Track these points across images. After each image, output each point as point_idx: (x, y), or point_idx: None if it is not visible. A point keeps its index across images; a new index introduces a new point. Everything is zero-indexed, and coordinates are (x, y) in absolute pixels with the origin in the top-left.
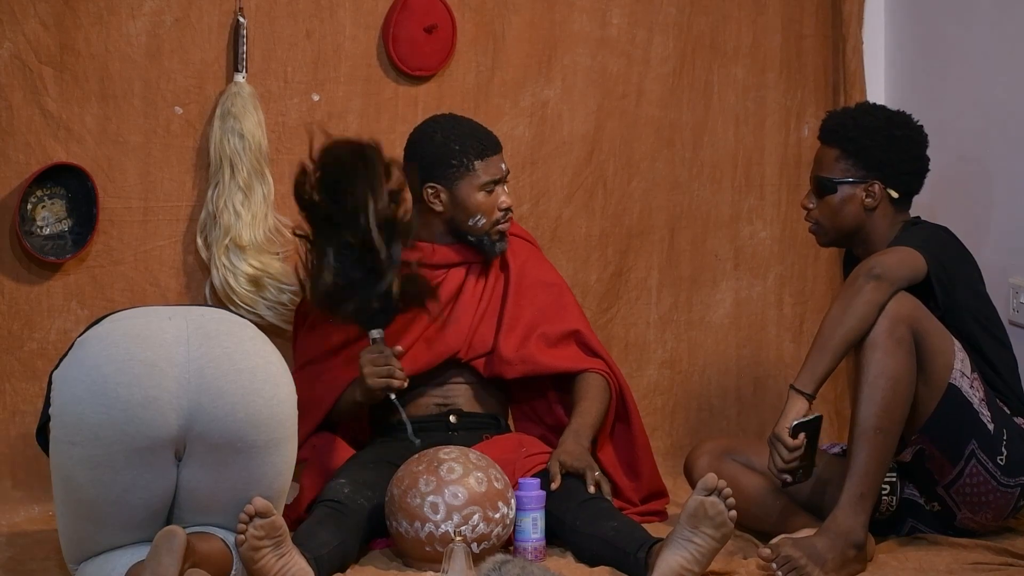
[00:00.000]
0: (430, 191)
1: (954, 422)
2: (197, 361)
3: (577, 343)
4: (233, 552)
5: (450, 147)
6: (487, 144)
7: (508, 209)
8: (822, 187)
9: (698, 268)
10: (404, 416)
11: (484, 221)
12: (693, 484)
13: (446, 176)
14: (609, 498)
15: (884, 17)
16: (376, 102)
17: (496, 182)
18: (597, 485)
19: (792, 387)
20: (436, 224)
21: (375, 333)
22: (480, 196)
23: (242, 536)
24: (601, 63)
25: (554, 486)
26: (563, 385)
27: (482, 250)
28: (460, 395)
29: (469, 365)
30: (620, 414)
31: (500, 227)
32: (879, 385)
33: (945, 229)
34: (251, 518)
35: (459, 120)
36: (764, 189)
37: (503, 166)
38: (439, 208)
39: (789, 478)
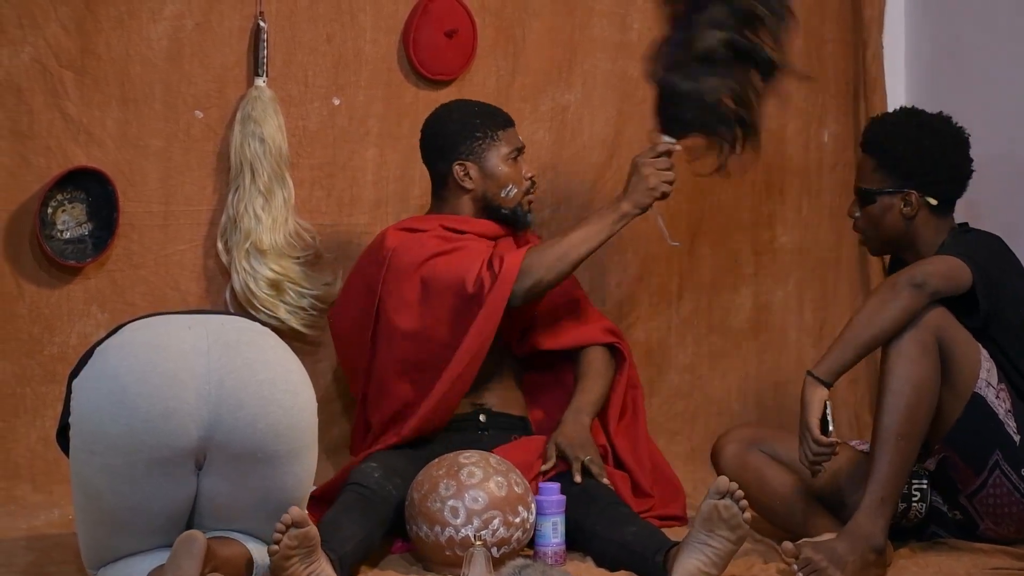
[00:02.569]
0: (459, 170)
1: (978, 432)
2: (217, 372)
3: (593, 317)
4: (254, 556)
5: (471, 122)
6: (503, 118)
7: (533, 179)
8: (862, 198)
9: (719, 273)
10: (662, 223)
11: (515, 191)
12: (719, 471)
13: (473, 151)
14: (604, 480)
15: (904, 22)
16: (397, 106)
17: (520, 151)
18: (588, 472)
19: (811, 374)
20: (466, 204)
21: (668, 140)
22: (507, 166)
23: (276, 547)
24: (621, 68)
25: (546, 466)
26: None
27: (516, 222)
28: (491, 394)
29: (499, 355)
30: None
31: (530, 196)
32: (903, 392)
33: (997, 238)
34: (287, 528)
35: (468, 101)
36: (785, 194)
37: (520, 138)
38: (470, 185)
39: (821, 469)
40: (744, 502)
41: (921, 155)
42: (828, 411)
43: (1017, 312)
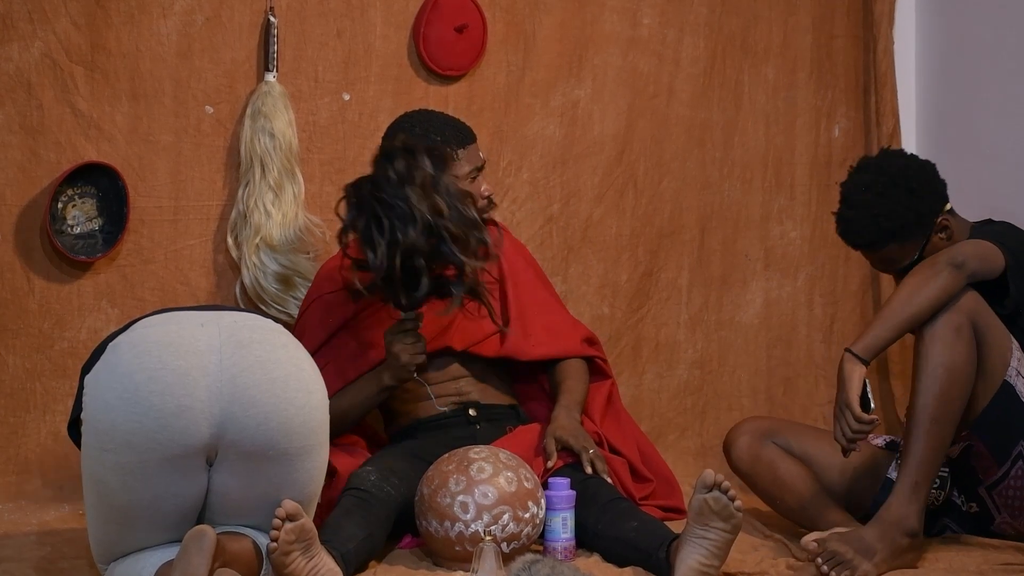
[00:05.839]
0: None
1: (1005, 421)
2: (229, 370)
3: (573, 329)
4: (264, 552)
5: (431, 139)
6: (465, 134)
7: (491, 197)
8: (913, 266)
9: (728, 268)
10: (429, 389)
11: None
12: (731, 462)
13: None
14: (606, 477)
15: (915, 18)
16: (407, 102)
17: (479, 169)
18: (593, 465)
19: (850, 351)
20: None
21: (408, 316)
22: (465, 186)
23: (274, 544)
24: (632, 63)
25: (550, 463)
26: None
27: None
28: (471, 388)
29: (470, 356)
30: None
31: (486, 215)
32: (938, 376)
33: (1019, 228)
34: (283, 521)
35: (433, 113)
36: (794, 189)
37: (481, 154)
38: None
39: (856, 448)
40: (732, 492)
41: (916, 203)
42: (868, 388)
43: None
